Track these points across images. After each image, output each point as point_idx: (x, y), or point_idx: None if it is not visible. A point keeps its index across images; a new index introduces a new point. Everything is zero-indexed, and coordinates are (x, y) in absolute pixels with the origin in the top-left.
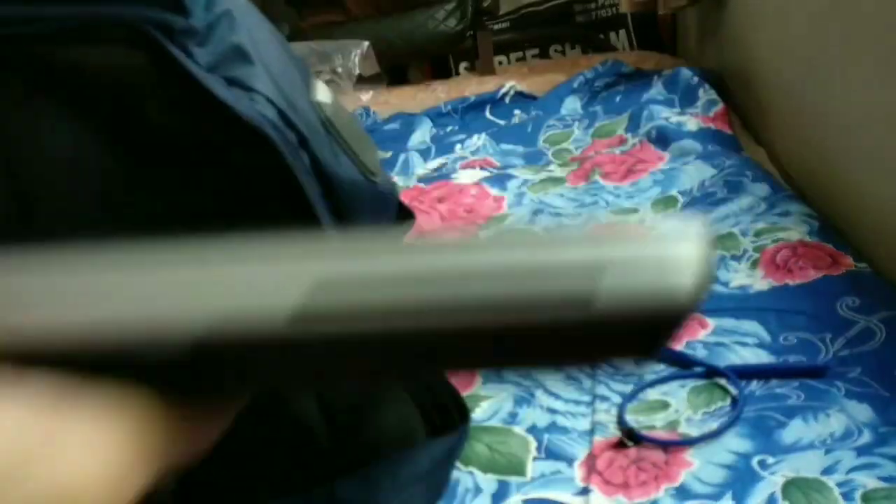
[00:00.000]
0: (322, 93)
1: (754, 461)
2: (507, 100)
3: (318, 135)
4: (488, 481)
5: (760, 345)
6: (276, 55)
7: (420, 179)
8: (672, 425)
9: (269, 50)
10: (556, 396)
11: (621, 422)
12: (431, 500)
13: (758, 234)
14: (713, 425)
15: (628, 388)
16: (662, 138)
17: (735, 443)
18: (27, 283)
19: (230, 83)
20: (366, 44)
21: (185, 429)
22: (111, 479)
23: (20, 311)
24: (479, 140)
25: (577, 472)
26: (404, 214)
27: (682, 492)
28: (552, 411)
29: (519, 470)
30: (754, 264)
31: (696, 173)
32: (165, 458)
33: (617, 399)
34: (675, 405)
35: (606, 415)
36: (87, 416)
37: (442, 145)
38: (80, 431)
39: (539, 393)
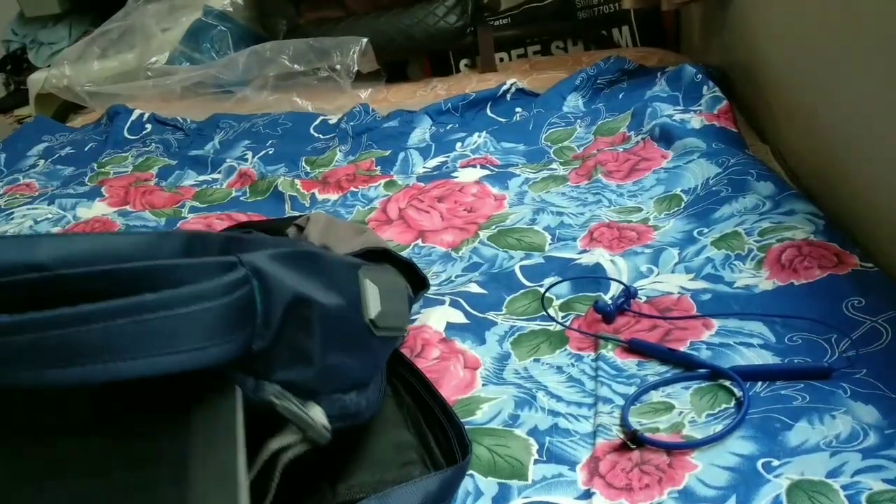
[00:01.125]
0: (373, 304)
1: (759, 464)
2: (508, 97)
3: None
4: (489, 484)
5: (765, 346)
6: (336, 301)
7: (420, 178)
8: (676, 427)
9: (330, 305)
10: (558, 398)
11: (624, 424)
12: None
13: (763, 233)
14: (717, 427)
15: (631, 390)
16: (666, 136)
17: (740, 445)
18: None
19: (289, 386)
20: (364, 40)
21: None
22: None
23: None
24: (479, 138)
25: (580, 475)
26: (419, 281)
27: (686, 495)
28: (554, 413)
29: (520, 473)
30: (759, 264)
31: (700, 171)
32: None
33: (620, 401)
34: (679, 407)
35: (609, 417)
36: None
37: (442, 143)
38: None
39: (541, 395)
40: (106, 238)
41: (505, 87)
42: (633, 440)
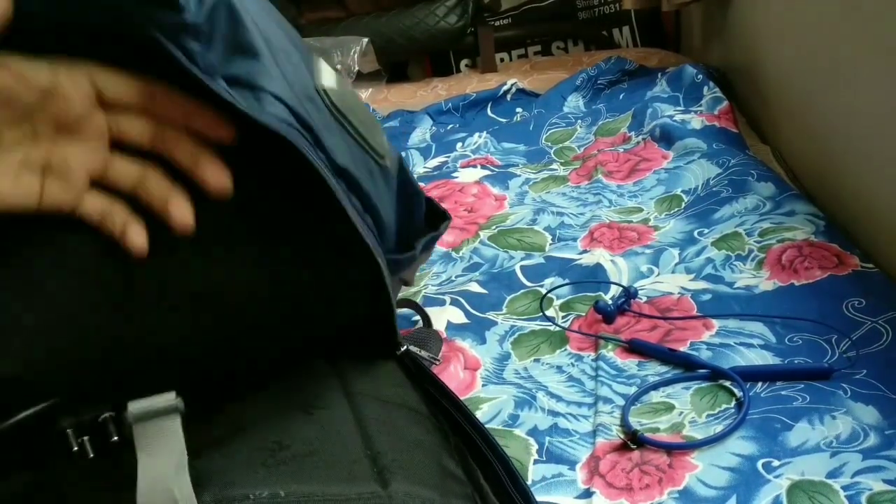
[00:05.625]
0: (327, 77)
1: (759, 464)
2: (508, 97)
3: (330, 129)
4: None
5: (766, 346)
6: (279, 41)
7: (420, 178)
8: (676, 428)
9: (271, 36)
10: (558, 398)
11: (624, 424)
12: None
13: (763, 233)
14: (718, 428)
15: (631, 390)
16: (666, 136)
17: (740, 445)
18: None
19: (233, 82)
20: (365, 40)
21: None
22: None
23: None
24: (480, 138)
25: (580, 475)
26: (438, 216)
27: (687, 495)
28: (554, 413)
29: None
30: (760, 264)
31: (700, 172)
32: None
33: (620, 401)
34: (680, 407)
35: (609, 417)
36: None
37: (442, 143)
38: None
39: (541, 395)
40: None
41: (505, 88)
42: (634, 440)
